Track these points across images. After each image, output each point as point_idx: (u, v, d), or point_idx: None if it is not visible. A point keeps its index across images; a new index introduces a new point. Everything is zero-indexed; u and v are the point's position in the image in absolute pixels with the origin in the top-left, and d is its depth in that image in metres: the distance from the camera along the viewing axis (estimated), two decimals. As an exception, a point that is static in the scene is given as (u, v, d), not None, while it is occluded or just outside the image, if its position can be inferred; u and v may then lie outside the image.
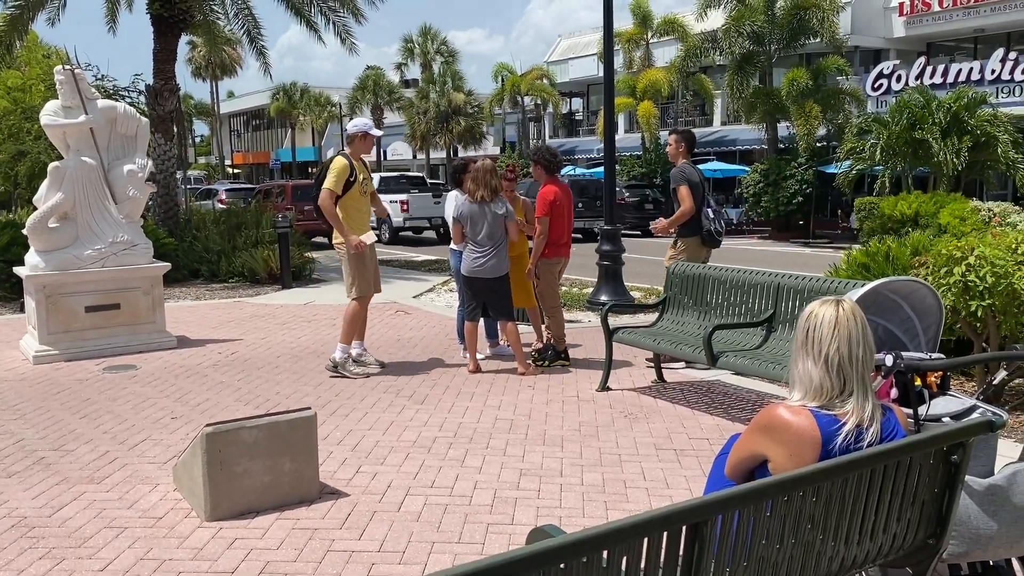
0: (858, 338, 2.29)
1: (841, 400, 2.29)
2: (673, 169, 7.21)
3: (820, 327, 2.29)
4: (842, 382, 2.28)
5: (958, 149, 19.09)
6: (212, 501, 3.96)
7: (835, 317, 2.29)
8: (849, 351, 2.27)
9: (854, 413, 2.26)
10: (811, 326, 2.31)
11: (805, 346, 2.31)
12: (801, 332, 2.34)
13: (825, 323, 2.29)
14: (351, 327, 6.77)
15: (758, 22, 24.23)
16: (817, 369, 2.29)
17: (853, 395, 2.28)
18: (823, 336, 2.28)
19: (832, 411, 2.28)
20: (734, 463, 2.49)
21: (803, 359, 2.32)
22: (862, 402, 2.28)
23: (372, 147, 7.01)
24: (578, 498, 4.21)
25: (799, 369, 2.34)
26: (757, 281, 5.85)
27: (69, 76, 7.67)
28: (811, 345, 2.30)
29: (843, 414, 2.27)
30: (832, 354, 2.27)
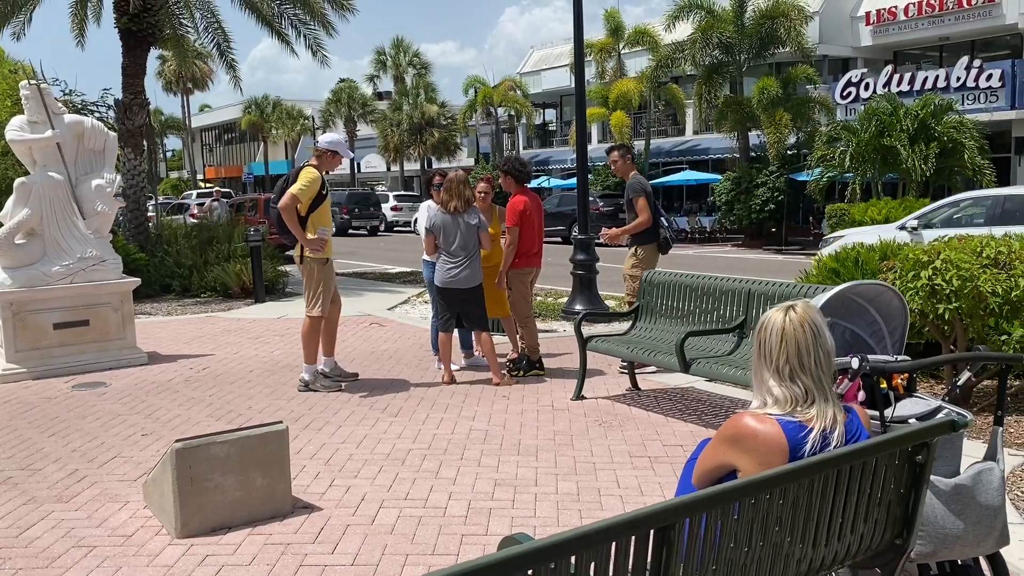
0: (807, 347, 2.29)
1: (804, 406, 2.31)
2: (631, 181, 7.29)
3: (770, 338, 2.31)
4: (801, 390, 2.29)
5: (926, 155, 19.38)
6: (183, 518, 3.91)
7: (782, 327, 2.30)
8: (800, 361, 2.28)
9: (818, 418, 2.28)
10: (763, 338, 2.33)
11: (760, 356, 2.33)
12: (756, 342, 2.36)
13: (773, 333, 2.31)
14: (311, 346, 6.69)
15: (727, 32, 24.50)
16: (773, 378, 2.31)
17: (815, 401, 2.30)
18: (772, 347, 2.31)
19: (796, 418, 2.30)
20: (701, 473, 2.49)
21: (759, 369, 2.34)
22: (824, 407, 2.30)
23: (339, 166, 6.98)
24: (552, 507, 4.21)
25: (757, 378, 2.35)
26: (728, 288, 5.89)
27: (35, 91, 7.59)
28: (764, 355, 2.32)
29: (807, 420, 2.29)
30: (782, 364, 2.29)
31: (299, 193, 6.27)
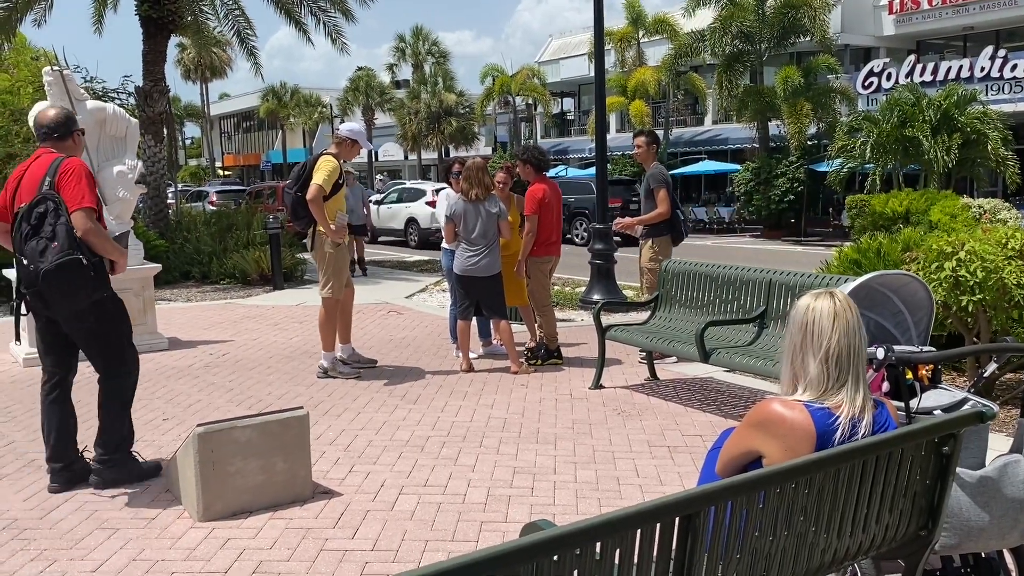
0: (856, 328, 2.29)
1: (833, 392, 2.29)
2: (653, 170, 7.23)
3: (820, 320, 2.29)
4: (838, 374, 2.28)
5: (948, 146, 19.17)
6: (205, 501, 3.94)
7: (833, 309, 2.29)
8: (849, 342, 2.27)
9: (846, 405, 2.27)
10: (810, 320, 2.30)
11: (805, 340, 2.30)
12: (798, 327, 2.33)
13: (824, 315, 2.29)
14: (328, 333, 6.72)
15: (747, 21, 24.30)
16: (816, 363, 2.28)
17: (845, 387, 2.28)
18: (823, 329, 2.28)
19: (824, 404, 2.29)
20: (727, 460, 2.48)
21: (801, 354, 2.32)
22: (853, 394, 2.29)
23: (357, 155, 6.99)
24: (571, 495, 4.21)
25: (796, 364, 2.33)
26: (749, 278, 5.85)
27: (58, 77, 7.63)
28: (811, 339, 2.29)
29: (835, 407, 2.27)
30: (833, 347, 2.26)
31: (324, 183, 6.29)
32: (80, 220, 4.06)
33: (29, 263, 4.03)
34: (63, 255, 3.97)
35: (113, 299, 4.35)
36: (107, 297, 4.28)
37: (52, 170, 4.13)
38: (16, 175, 4.31)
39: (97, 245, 4.13)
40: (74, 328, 4.27)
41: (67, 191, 4.08)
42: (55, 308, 4.13)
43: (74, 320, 4.21)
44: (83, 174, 4.15)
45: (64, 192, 4.08)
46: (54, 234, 4.01)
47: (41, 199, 4.08)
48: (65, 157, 4.22)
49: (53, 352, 4.38)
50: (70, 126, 4.39)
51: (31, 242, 4.04)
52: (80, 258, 4.02)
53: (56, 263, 3.96)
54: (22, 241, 4.08)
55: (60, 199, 4.07)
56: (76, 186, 4.09)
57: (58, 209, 4.05)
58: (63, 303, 4.09)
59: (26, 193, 4.17)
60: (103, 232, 4.21)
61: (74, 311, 4.15)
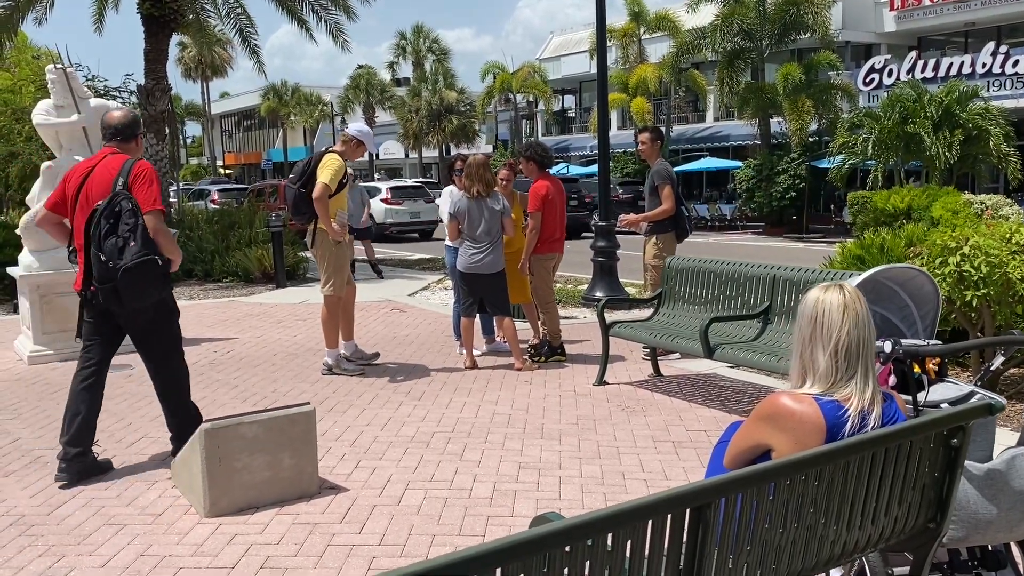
0: (865, 320, 2.30)
1: (843, 385, 2.30)
2: (658, 166, 7.23)
3: (829, 312, 2.29)
4: (847, 366, 2.28)
5: (950, 143, 19.17)
6: (211, 497, 3.95)
7: (843, 301, 2.29)
8: (859, 334, 2.27)
9: (855, 397, 2.27)
10: (819, 312, 2.30)
11: (815, 333, 2.30)
12: (807, 319, 2.33)
13: (834, 308, 2.29)
14: (331, 330, 6.73)
15: (749, 18, 24.28)
16: (826, 355, 2.29)
17: (854, 379, 2.29)
18: (833, 321, 2.28)
19: (834, 397, 2.29)
20: (735, 454, 2.49)
21: (810, 346, 2.32)
22: (862, 386, 2.29)
23: (362, 155, 7.00)
24: (577, 490, 4.22)
25: (805, 357, 2.33)
26: (753, 274, 5.86)
27: (61, 75, 7.63)
28: (821, 331, 2.29)
29: (844, 399, 2.28)
30: (843, 339, 2.26)
31: (330, 182, 6.28)
32: (152, 221, 4.34)
33: (107, 259, 4.26)
34: (141, 254, 4.24)
35: (171, 297, 4.69)
36: (168, 295, 4.61)
37: (125, 171, 4.39)
38: (81, 171, 4.53)
39: (164, 245, 4.41)
40: (135, 322, 4.53)
41: (140, 193, 4.35)
42: (126, 302, 4.35)
43: (138, 315, 4.47)
44: (154, 178, 4.45)
45: (137, 194, 4.34)
46: (132, 234, 4.26)
47: (117, 198, 4.31)
48: (136, 159, 4.51)
49: (100, 343, 4.65)
50: (135, 129, 4.68)
51: (109, 239, 4.27)
52: (156, 258, 4.31)
53: (135, 261, 4.23)
54: (100, 238, 4.29)
55: (135, 200, 4.31)
56: (148, 189, 4.37)
57: (134, 210, 4.30)
58: (136, 298, 4.34)
59: (97, 191, 4.39)
60: (169, 233, 4.52)
61: (142, 306, 4.41)
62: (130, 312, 4.43)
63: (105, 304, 4.42)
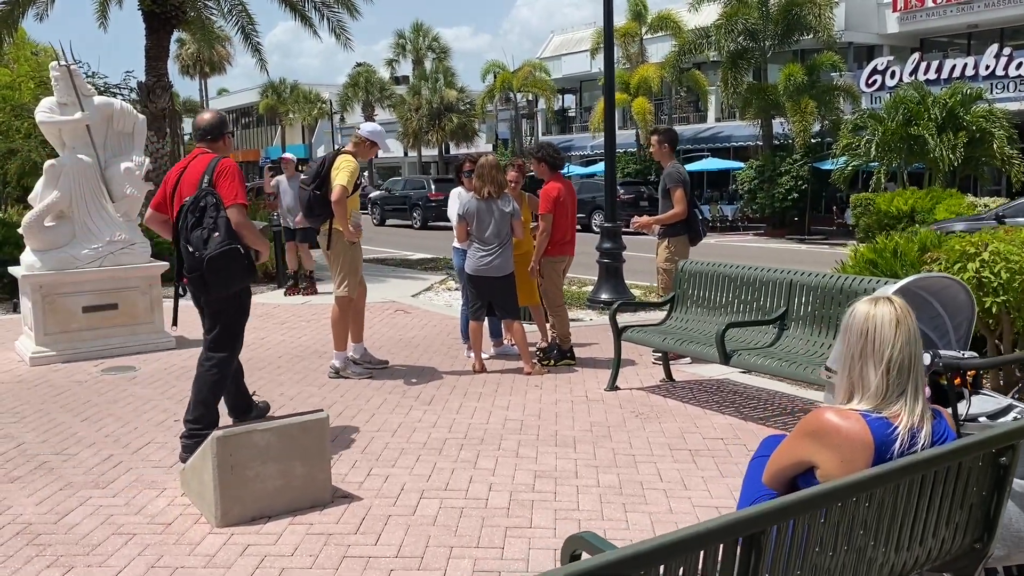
0: (916, 335, 2.22)
1: (891, 402, 2.22)
2: (669, 169, 7.14)
3: (881, 327, 2.20)
4: (899, 383, 2.20)
5: (954, 145, 19.12)
6: (223, 506, 3.86)
7: (895, 315, 2.21)
8: (911, 350, 2.20)
9: (905, 414, 2.19)
10: (871, 327, 2.21)
11: (866, 349, 2.22)
12: (857, 335, 2.24)
13: (886, 323, 2.21)
14: (340, 332, 6.65)
15: (752, 18, 24.20)
16: (878, 372, 2.20)
17: (904, 395, 2.21)
18: (885, 337, 2.19)
19: (882, 414, 2.21)
20: (775, 471, 2.41)
21: (860, 363, 2.23)
22: (912, 403, 2.21)
23: (374, 156, 6.92)
24: (595, 500, 4.14)
25: (854, 373, 2.25)
26: (768, 278, 5.78)
27: (65, 72, 7.54)
28: (872, 348, 2.21)
29: (893, 416, 2.20)
30: (896, 355, 2.18)
31: (348, 184, 6.19)
32: (235, 214, 4.60)
33: (194, 250, 4.55)
34: (224, 244, 4.51)
35: (248, 290, 4.92)
36: (246, 287, 4.85)
37: (210, 169, 4.68)
38: (176, 171, 4.88)
39: (247, 237, 4.65)
40: (211, 305, 4.78)
41: (224, 188, 4.63)
42: (211, 290, 4.63)
43: (215, 302, 4.74)
44: (236, 174, 4.73)
45: (221, 189, 4.63)
46: (216, 225, 4.55)
47: (204, 194, 4.61)
48: (221, 157, 4.78)
49: None
50: (222, 129, 4.96)
51: (195, 232, 4.56)
52: (238, 247, 4.57)
53: (218, 251, 4.50)
54: (188, 231, 4.58)
55: (219, 195, 4.60)
56: (231, 184, 4.65)
57: (218, 204, 4.59)
58: (219, 286, 4.62)
59: (187, 188, 4.72)
60: (252, 225, 4.74)
61: (226, 294, 4.69)
62: (212, 298, 4.71)
63: (195, 292, 4.74)
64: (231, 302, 4.79)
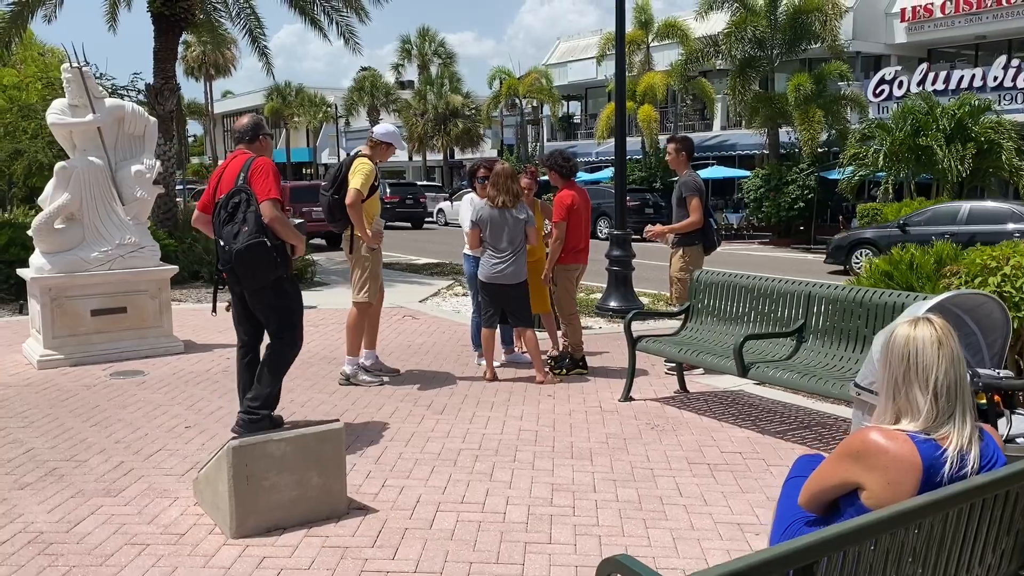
0: (960, 356, 2.16)
1: (940, 425, 2.15)
2: (686, 177, 7.09)
3: (923, 351, 2.15)
4: (948, 407, 2.14)
5: (962, 156, 19.07)
6: (238, 517, 3.80)
7: (936, 337, 2.15)
8: (956, 372, 2.14)
9: (954, 436, 2.13)
10: (912, 351, 2.16)
11: (909, 373, 2.16)
12: (899, 358, 2.18)
13: (927, 345, 2.15)
14: (355, 337, 6.60)
15: (760, 27, 24.17)
16: (926, 397, 2.14)
17: (952, 418, 2.15)
18: (928, 360, 2.14)
19: (930, 435, 2.15)
20: (816, 492, 2.34)
21: (904, 387, 2.17)
22: (960, 425, 2.15)
23: (391, 157, 6.88)
24: (615, 515, 4.07)
25: (899, 399, 2.18)
26: (786, 290, 5.72)
27: (76, 74, 7.50)
28: (916, 372, 2.15)
29: (942, 438, 2.13)
30: (942, 379, 2.12)
31: (362, 187, 6.18)
32: (267, 209, 4.76)
33: (225, 244, 4.76)
34: (252, 238, 4.68)
35: (291, 280, 5.05)
36: (286, 277, 4.96)
37: (245, 167, 4.90)
38: (218, 172, 5.10)
39: (280, 231, 4.82)
40: (255, 301, 4.96)
41: (257, 184, 4.82)
42: (243, 282, 4.81)
43: (257, 294, 4.90)
44: (270, 171, 4.89)
45: (255, 185, 4.81)
46: (245, 220, 4.72)
47: (236, 191, 4.82)
48: (256, 156, 4.98)
49: (245, 322, 5.18)
50: (257, 131, 5.16)
51: (227, 226, 4.78)
52: (265, 240, 4.71)
53: (246, 244, 4.67)
54: (220, 226, 4.81)
55: (251, 191, 4.79)
56: (264, 180, 4.83)
57: (249, 200, 4.77)
58: (249, 278, 4.78)
59: (225, 187, 4.94)
60: (286, 220, 4.89)
61: (258, 286, 4.83)
62: (249, 291, 4.88)
63: (231, 285, 4.91)
64: (272, 293, 4.92)
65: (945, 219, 15.45)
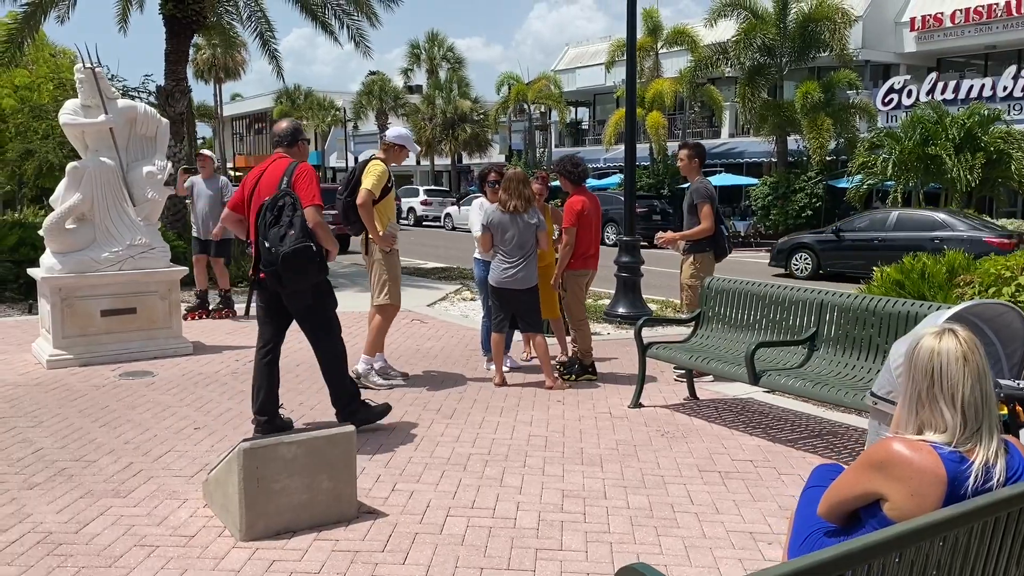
0: (986, 370, 2.13)
1: (966, 438, 2.13)
2: (697, 184, 7.06)
3: (948, 365, 2.12)
4: (974, 422, 2.11)
5: (971, 165, 19.02)
6: (248, 520, 3.78)
7: (961, 351, 2.12)
8: (982, 387, 2.11)
9: (980, 449, 2.10)
10: (937, 365, 2.13)
11: (933, 388, 2.13)
12: (922, 372, 2.15)
13: (952, 360, 2.12)
14: (377, 338, 6.61)
15: (769, 35, 24.14)
16: (951, 412, 2.12)
17: (978, 432, 2.12)
18: (954, 375, 2.11)
19: (957, 448, 2.12)
20: (836, 503, 2.32)
21: (927, 401, 2.14)
22: (987, 439, 2.12)
23: (404, 160, 6.89)
24: (626, 522, 4.04)
25: (924, 412, 2.16)
26: (798, 298, 5.69)
27: (89, 75, 7.51)
28: (941, 386, 2.12)
29: (968, 452, 2.11)
30: (968, 394, 2.10)
31: (373, 188, 6.22)
32: (311, 214, 4.90)
33: (271, 246, 4.82)
34: (299, 242, 4.78)
35: (327, 282, 5.18)
36: (325, 281, 5.11)
37: (289, 172, 5.02)
38: (255, 174, 5.20)
39: (321, 236, 4.94)
40: (295, 302, 5.06)
41: (301, 190, 4.94)
42: (286, 284, 4.88)
43: (297, 296, 5.01)
44: (313, 177, 5.05)
45: (299, 190, 4.94)
46: (292, 223, 4.82)
47: (282, 194, 4.91)
48: (299, 162, 5.12)
49: (272, 323, 5.25)
50: (296, 136, 5.30)
51: (272, 229, 4.84)
52: (311, 245, 4.83)
53: (293, 248, 4.76)
54: (266, 228, 4.87)
55: (296, 196, 4.90)
56: (308, 186, 4.97)
57: (295, 204, 4.88)
58: (295, 281, 4.87)
59: (266, 190, 5.03)
60: (327, 225, 5.04)
61: (300, 288, 4.94)
62: (291, 294, 4.98)
63: (271, 287, 4.98)
64: (312, 295, 5.04)
65: (877, 226, 16.01)
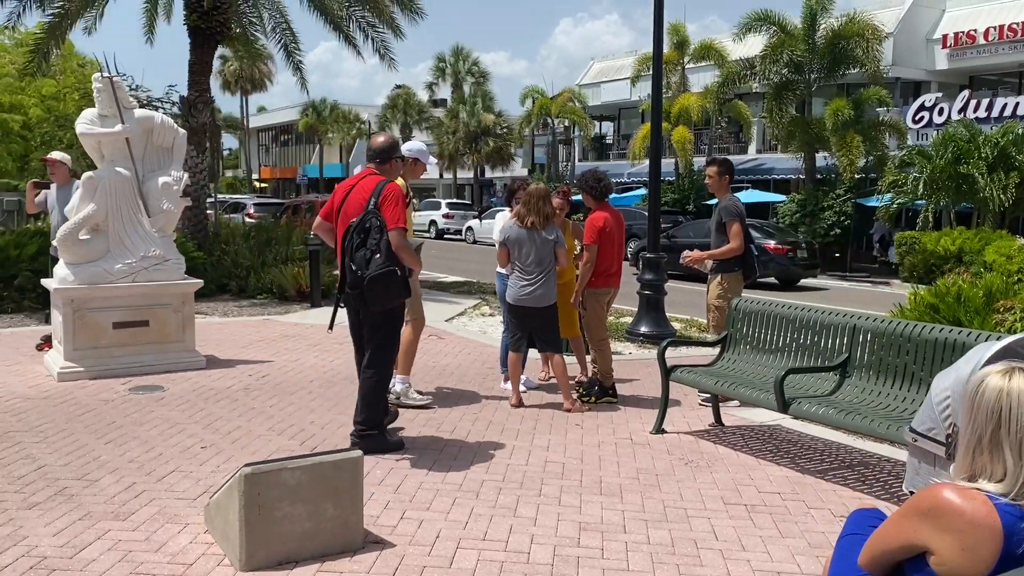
0: None
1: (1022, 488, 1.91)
2: (726, 202, 6.83)
3: (1019, 408, 1.90)
4: None
5: (1005, 185, 18.61)
6: (248, 548, 3.61)
7: None
8: None
9: (1040, 504, 1.88)
10: (1005, 407, 1.91)
11: (1001, 432, 1.92)
12: (988, 415, 1.94)
13: None
14: (408, 356, 6.41)
15: (798, 51, 23.85)
16: (1014, 459, 1.90)
17: None
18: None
19: (1013, 500, 1.90)
20: (878, 554, 2.10)
21: (991, 447, 1.93)
22: (1049, 493, 1.90)
23: (421, 174, 6.69)
24: (646, 559, 3.82)
25: (983, 456, 1.94)
26: (829, 322, 5.44)
27: (107, 84, 7.43)
28: (1008, 431, 1.90)
29: (1025, 505, 1.89)
30: None
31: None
32: (396, 237, 4.94)
33: (357, 269, 4.89)
34: (384, 266, 4.83)
35: (403, 305, 5.30)
36: (403, 303, 5.21)
37: (377, 191, 5.05)
38: (345, 187, 5.28)
39: (405, 258, 5.01)
40: (372, 321, 5.10)
41: (387, 212, 4.98)
42: (368, 305, 4.93)
43: (376, 316, 5.05)
44: (399, 199, 5.08)
45: (385, 212, 4.97)
46: (378, 248, 4.86)
47: (368, 215, 4.95)
48: (388, 181, 5.15)
49: (362, 336, 5.28)
50: (391, 153, 5.34)
51: (359, 252, 4.89)
52: (396, 269, 4.89)
53: (379, 272, 4.82)
54: (352, 250, 4.93)
55: (382, 218, 4.93)
56: (394, 208, 5.00)
57: (381, 227, 4.91)
58: (378, 303, 4.92)
59: (353, 208, 5.08)
60: (410, 248, 5.12)
61: (382, 309, 4.99)
62: (371, 313, 5.02)
63: (355, 306, 5.08)
64: (389, 316, 5.11)
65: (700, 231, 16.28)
